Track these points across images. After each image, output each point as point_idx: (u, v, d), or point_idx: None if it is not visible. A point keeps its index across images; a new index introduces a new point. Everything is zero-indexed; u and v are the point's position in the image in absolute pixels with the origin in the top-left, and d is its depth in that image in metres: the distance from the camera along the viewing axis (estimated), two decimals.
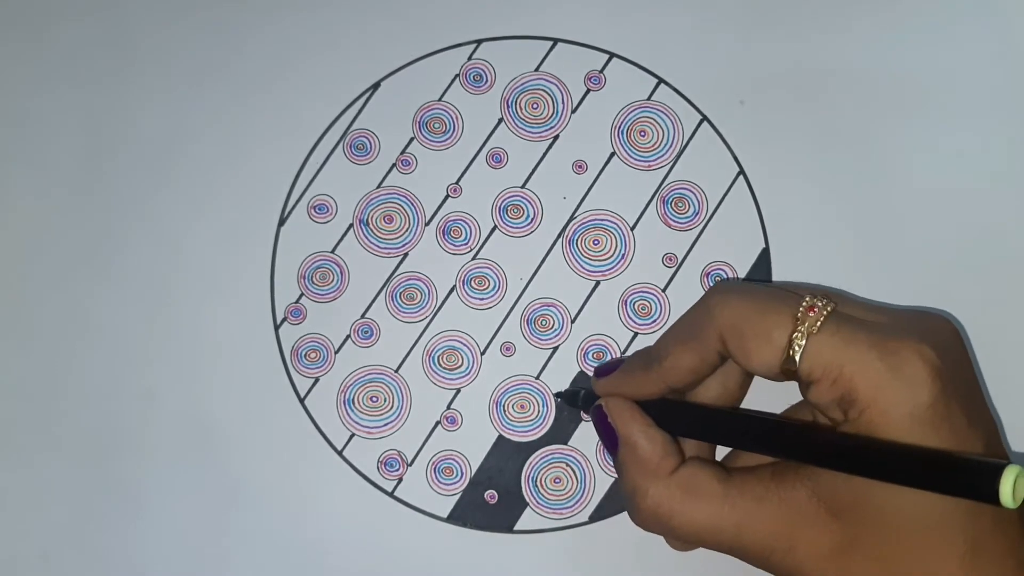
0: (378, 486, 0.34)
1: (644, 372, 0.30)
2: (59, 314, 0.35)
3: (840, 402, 0.26)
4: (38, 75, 0.37)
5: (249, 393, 0.34)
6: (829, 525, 0.26)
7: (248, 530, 0.34)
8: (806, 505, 0.27)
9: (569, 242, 0.35)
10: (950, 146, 0.36)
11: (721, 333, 0.27)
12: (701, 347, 0.28)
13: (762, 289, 0.28)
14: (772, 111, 0.36)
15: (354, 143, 0.36)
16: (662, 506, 0.28)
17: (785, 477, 0.27)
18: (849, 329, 0.26)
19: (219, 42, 0.37)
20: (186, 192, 0.36)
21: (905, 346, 0.25)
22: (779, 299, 0.27)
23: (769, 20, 0.37)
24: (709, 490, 0.28)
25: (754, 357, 0.27)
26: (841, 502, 0.26)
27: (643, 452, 0.29)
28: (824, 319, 0.26)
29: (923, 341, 0.25)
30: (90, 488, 0.34)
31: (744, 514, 0.27)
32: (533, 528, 0.33)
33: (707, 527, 0.28)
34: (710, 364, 0.29)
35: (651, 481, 0.28)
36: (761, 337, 0.26)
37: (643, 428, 0.29)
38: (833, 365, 0.25)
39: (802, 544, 0.26)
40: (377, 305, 0.35)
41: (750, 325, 0.27)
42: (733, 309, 0.27)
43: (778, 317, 0.26)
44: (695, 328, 0.28)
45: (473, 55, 0.37)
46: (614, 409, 0.30)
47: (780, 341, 0.26)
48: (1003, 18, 0.37)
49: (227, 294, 0.35)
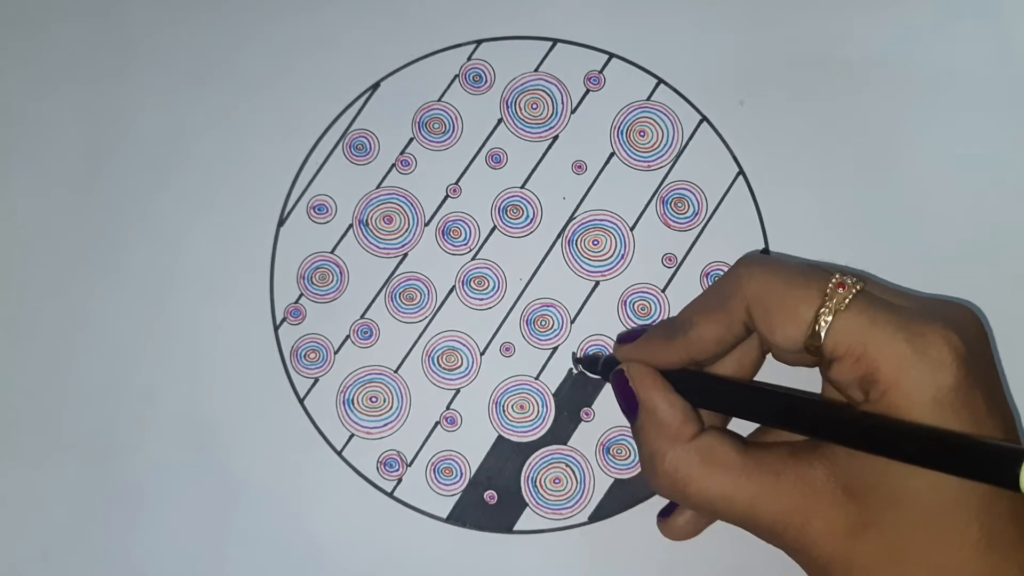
0: (378, 486, 0.34)
1: (667, 341, 0.30)
2: (59, 314, 0.35)
3: (861, 381, 0.26)
4: (38, 75, 0.37)
5: (249, 393, 0.34)
6: (844, 505, 0.26)
7: (248, 530, 0.34)
8: (822, 483, 0.27)
9: (569, 242, 0.35)
10: (951, 144, 0.36)
11: (748, 305, 0.27)
12: (727, 318, 0.28)
13: (792, 263, 0.28)
14: (772, 111, 0.36)
15: (354, 143, 0.36)
16: (680, 471, 0.28)
17: (803, 455, 0.27)
18: (876, 309, 0.26)
19: (219, 42, 0.37)
20: (186, 192, 0.36)
21: (931, 330, 0.25)
22: (808, 274, 0.27)
23: (769, 20, 0.37)
24: (727, 460, 0.28)
25: (779, 331, 0.27)
26: (858, 483, 0.26)
27: (663, 416, 0.29)
28: (852, 297, 0.26)
29: (948, 326, 0.25)
30: (90, 488, 0.34)
31: (760, 487, 0.27)
32: (532, 528, 0.33)
33: (722, 496, 0.28)
34: (735, 336, 0.28)
35: (670, 445, 0.28)
36: (788, 311, 0.26)
37: (664, 394, 0.29)
38: (858, 344, 0.25)
39: (816, 521, 0.26)
40: (377, 305, 0.35)
41: (777, 298, 0.27)
42: (761, 281, 0.27)
43: (806, 292, 0.26)
44: (722, 299, 0.28)
45: (473, 55, 0.37)
46: (636, 374, 0.30)
47: (806, 316, 0.26)
48: (1002, 13, 0.37)
49: (227, 294, 0.35)
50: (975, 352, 0.26)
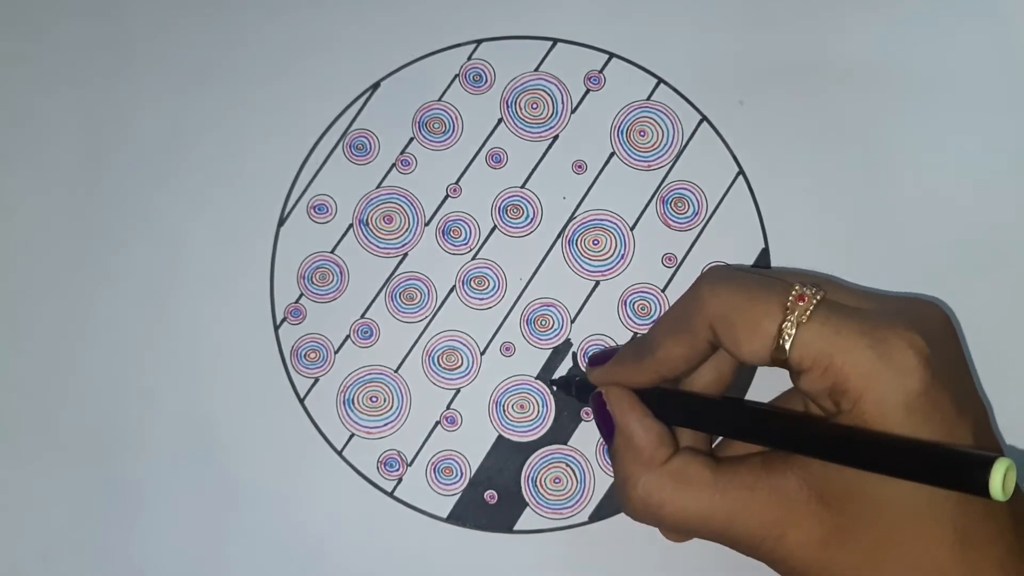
0: (378, 486, 0.34)
1: (636, 363, 0.30)
2: (59, 314, 0.35)
3: (831, 391, 0.26)
4: (38, 75, 0.37)
5: (249, 393, 0.34)
6: (819, 514, 0.26)
7: (248, 530, 0.34)
8: (796, 494, 0.27)
9: (569, 242, 0.35)
10: (950, 145, 0.36)
11: (711, 323, 0.27)
12: (692, 338, 0.28)
13: (752, 277, 0.28)
14: (772, 111, 0.36)
15: (354, 143, 0.36)
16: (652, 495, 0.28)
17: (775, 466, 0.27)
18: (838, 318, 0.26)
19: (219, 42, 0.37)
20: (186, 192, 0.36)
21: (894, 334, 0.25)
22: (768, 288, 0.27)
23: (769, 20, 0.37)
24: (700, 479, 0.28)
25: (744, 347, 0.27)
26: (831, 491, 0.26)
27: (638, 441, 0.29)
28: (813, 308, 0.26)
29: (912, 328, 0.25)
30: (90, 488, 0.34)
31: (734, 503, 0.27)
32: (533, 528, 0.33)
33: (697, 516, 0.28)
34: (701, 353, 0.29)
35: (643, 470, 0.29)
36: (751, 327, 0.26)
37: (640, 418, 0.29)
38: (823, 354, 0.25)
39: (792, 533, 0.27)
40: (377, 305, 0.35)
41: (740, 315, 0.27)
42: (723, 299, 0.27)
43: (767, 307, 0.26)
44: (686, 319, 0.28)
45: (473, 55, 0.37)
46: (613, 398, 0.30)
47: (770, 330, 0.26)
48: (1000, 13, 0.37)
49: (227, 294, 0.35)
50: (941, 352, 0.26)
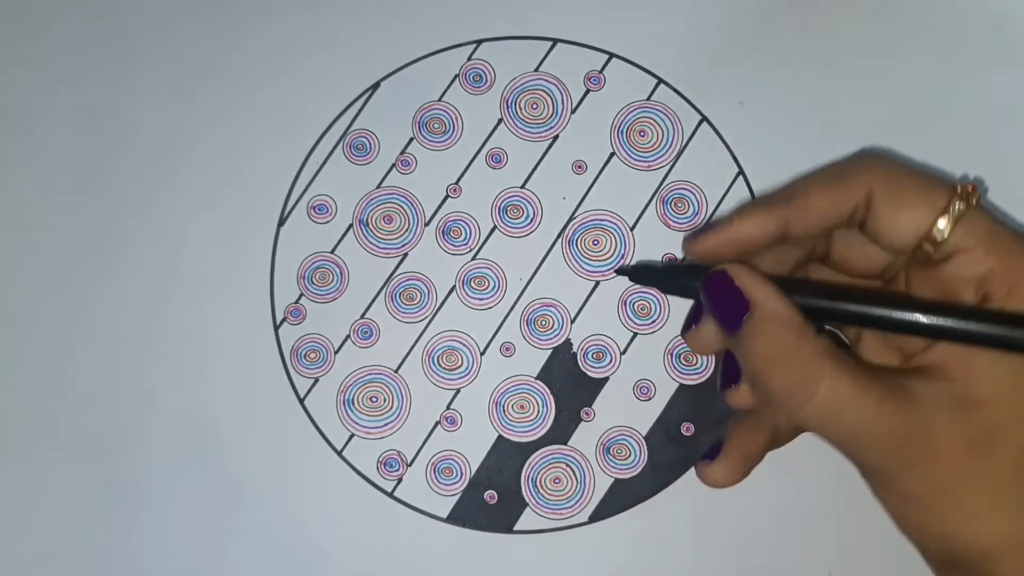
0: (378, 486, 0.34)
1: (763, 206, 0.27)
2: (59, 314, 0.35)
3: (985, 278, 0.25)
4: (38, 75, 0.37)
5: (249, 393, 0.34)
6: (967, 420, 0.25)
7: (248, 530, 0.34)
8: (940, 398, 0.25)
9: (569, 242, 0.35)
10: (950, 146, 0.36)
11: (872, 187, 0.26)
12: (843, 195, 0.26)
13: None
14: (772, 111, 0.36)
15: (354, 143, 0.36)
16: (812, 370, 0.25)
17: (911, 375, 0.26)
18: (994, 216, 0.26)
19: (219, 42, 0.37)
20: (186, 192, 0.36)
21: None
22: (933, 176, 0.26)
23: (768, 20, 0.37)
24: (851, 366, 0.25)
25: (906, 214, 0.26)
26: (978, 396, 0.25)
27: (786, 311, 0.25)
28: (979, 198, 0.26)
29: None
30: (90, 488, 0.34)
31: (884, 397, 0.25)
32: (533, 528, 0.33)
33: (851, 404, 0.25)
34: (842, 216, 0.26)
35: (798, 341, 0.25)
36: (919, 195, 0.26)
37: (776, 289, 0.26)
38: (988, 237, 0.25)
39: (938, 438, 0.25)
40: (377, 305, 0.35)
41: (908, 183, 0.26)
42: (892, 167, 0.26)
43: (937, 184, 0.26)
44: (843, 175, 0.27)
45: (473, 55, 0.37)
46: (742, 272, 0.26)
47: (938, 202, 0.25)
48: (1000, 19, 0.37)
49: (227, 294, 0.35)
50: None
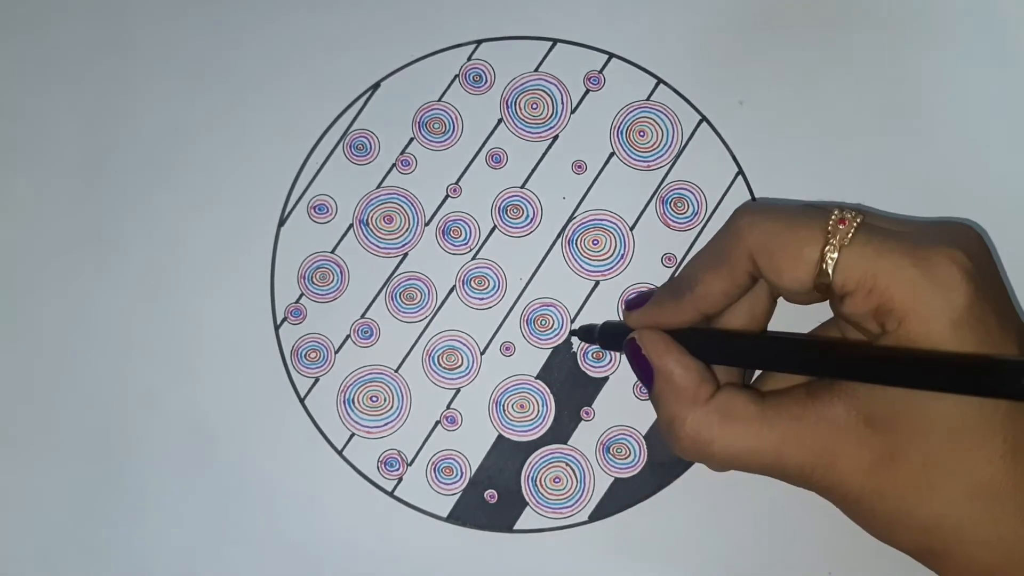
0: (378, 486, 0.34)
1: (675, 301, 0.30)
2: (59, 314, 0.35)
3: (876, 313, 0.26)
4: (38, 75, 0.37)
5: (249, 393, 0.34)
6: (868, 438, 0.26)
7: (248, 530, 0.34)
8: (844, 420, 0.27)
9: (569, 242, 0.35)
10: (951, 144, 0.36)
11: (751, 254, 0.27)
12: (732, 271, 0.28)
13: (789, 207, 0.28)
14: (771, 111, 0.36)
15: (354, 143, 0.36)
16: (701, 433, 0.28)
17: (820, 395, 0.27)
18: (880, 239, 0.26)
19: (219, 42, 0.37)
20: (186, 192, 0.36)
21: (937, 252, 0.25)
22: (808, 215, 0.27)
23: (768, 20, 0.37)
24: (746, 413, 0.28)
25: (786, 275, 0.27)
26: (878, 414, 0.26)
27: (679, 381, 0.29)
28: (855, 231, 0.26)
29: (953, 246, 0.25)
30: (90, 488, 0.34)
31: (783, 434, 0.27)
32: (533, 528, 0.34)
33: (747, 450, 0.28)
34: (741, 287, 0.28)
35: (689, 409, 0.28)
36: (793, 254, 0.26)
37: (678, 358, 0.29)
38: (867, 276, 0.25)
39: (842, 459, 0.27)
40: (377, 305, 0.35)
41: (781, 243, 0.27)
42: (762, 228, 0.27)
43: (808, 232, 0.26)
44: (724, 252, 0.28)
45: (473, 55, 0.37)
46: (648, 341, 0.30)
47: (812, 256, 0.26)
48: (997, 20, 0.37)
49: (227, 294, 0.35)
50: (981, 268, 0.26)
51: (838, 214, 0.26)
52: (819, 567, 0.33)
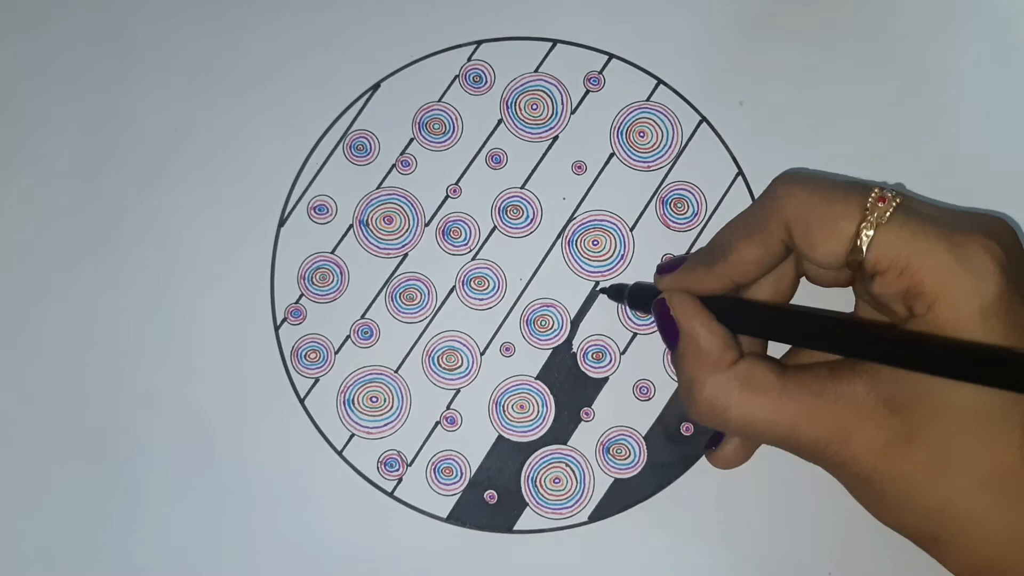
0: (378, 486, 0.34)
1: (708, 268, 0.30)
2: (59, 314, 0.35)
3: (905, 295, 0.26)
4: (38, 75, 0.37)
5: (249, 393, 0.34)
6: (886, 419, 0.26)
7: (248, 530, 0.34)
8: (863, 400, 0.27)
9: (569, 243, 0.35)
10: (951, 144, 0.36)
11: (787, 223, 0.27)
12: (767, 239, 0.28)
13: (830, 179, 0.28)
14: (771, 112, 0.36)
15: (354, 144, 0.36)
16: (719, 398, 0.28)
17: (842, 373, 0.27)
18: (916, 222, 0.26)
19: (219, 42, 0.37)
20: (186, 192, 0.36)
21: (972, 240, 0.25)
22: (847, 189, 0.27)
23: (768, 20, 0.37)
24: (767, 383, 0.28)
25: (820, 247, 0.27)
26: (898, 397, 0.26)
27: (704, 344, 0.29)
28: (893, 210, 0.26)
29: (988, 236, 0.25)
30: (90, 488, 0.34)
31: (801, 408, 0.27)
32: (532, 528, 0.34)
33: (763, 419, 0.28)
34: (775, 256, 0.28)
35: (709, 373, 0.28)
36: (828, 227, 0.26)
37: (705, 322, 0.29)
38: (901, 256, 0.25)
39: (857, 437, 0.27)
40: (377, 305, 0.35)
41: (817, 215, 0.27)
42: (800, 199, 0.27)
43: (846, 207, 0.26)
44: (760, 220, 0.28)
45: (473, 56, 0.37)
46: (677, 303, 0.30)
47: (848, 231, 0.26)
48: (999, 20, 0.37)
49: (227, 294, 0.35)
50: (1014, 260, 0.26)
51: (878, 192, 0.26)
52: (819, 567, 0.33)
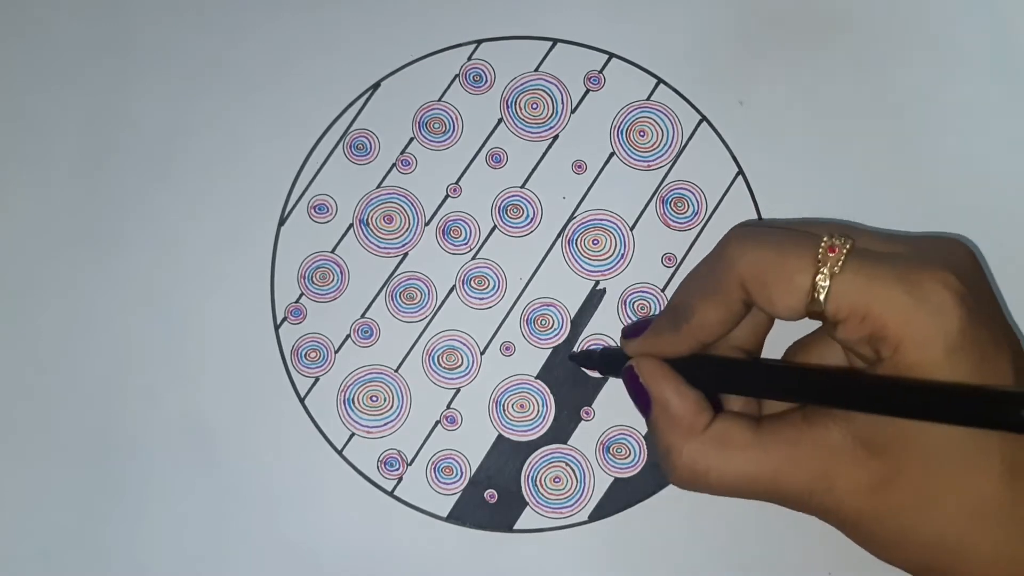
0: (378, 486, 0.34)
1: (674, 332, 0.29)
2: (59, 313, 0.35)
3: (870, 340, 0.26)
4: (38, 74, 0.37)
5: (249, 393, 0.34)
6: (866, 462, 0.26)
7: (248, 530, 0.34)
8: (840, 444, 0.27)
9: (569, 242, 0.35)
10: (951, 144, 0.36)
11: (743, 283, 0.27)
12: (726, 299, 0.28)
13: (779, 232, 0.28)
14: (771, 111, 0.36)
15: (354, 143, 0.36)
16: (698, 462, 0.28)
17: (816, 419, 0.27)
18: (871, 265, 0.26)
19: (219, 42, 0.37)
20: (186, 192, 0.36)
21: (928, 276, 0.25)
22: (797, 242, 0.27)
23: (768, 20, 0.37)
24: (742, 441, 0.28)
25: (779, 303, 0.27)
26: (875, 439, 0.26)
27: (676, 410, 0.29)
28: (845, 257, 0.26)
29: (944, 268, 0.25)
30: (90, 488, 0.34)
31: (780, 460, 0.27)
32: (533, 527, 0.34)
33: (744, 477, 0.28)
34: (737, 315, 0.28)
35: (685, 439, 0.28)
36: (784, 283, 0.26)
37: (675, 387, 0.29)
38: (860, 303, 0.25)
39: (840, 483, 0.27)
40: (377, 305, 0.35)
41: (772, 272, 0.27)
42: (753, 257, 0.27)
43: (799, 261, 0.26)
44: (716, 280, 0.28)
45: (473, 55, 0.37)
46: (645, 369, 0.30)
47: (804, 285, 0.26)
48: (998, 22, 0.37)
49: (227, 294, 0.35)
50: (973, 288, 0.26)
51: (827, 240, 0.26)
52: (819, 567, 0.33)
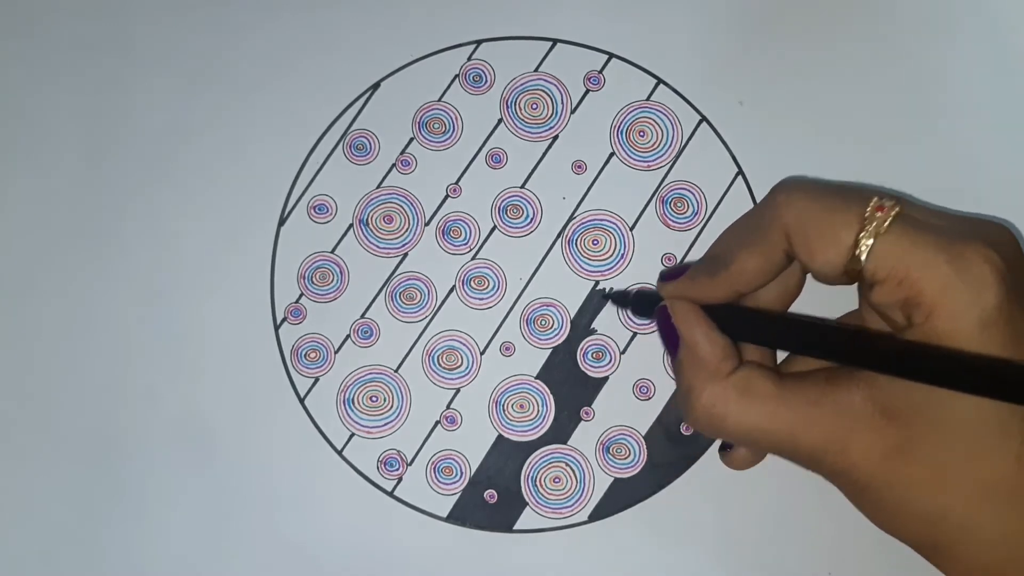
0: (378, 486, 0.34)
1: (711, 278, 0.30)
2: (59, 313, 0.35)
3: (904, 304, 0.26)
4: (38, 75, 0.37)
5: (249, 393, 0.34)
6: (883, 428, 0.26)
7: (248, 530, 0.34)
8: (861, 408, 0.27)
9: (568, 242, 0.35)
10: (951, 144, 0.36)
11: (787, 232, 0.27)
12: (768, 249, 0.28)
13: (830, 187, 0.28)
14: (771, 111, 0.36)
15: (354, 143, 0.36)
16: (716, 406, 0.28)
17: (840, 381, 0.27)
18: (915, 231, 0.26)
19: (219, 42, 0.37)
20: (186, 192, 0.36)
21: (972, 249, 0.25)
22: (846, 198, 0.27)
23: (768, 20, 0.37)
24: (764, 391, 0.28)
25: (819, 256, 0.27)
26: (896, 406, 0.26)
27: (703, 353, 0.29)
28: (892, 220, 0.26)
29: (988, 245, 0.25)
30: (90, 488, 0.34)
31: (798, 416, 0.27)
32: (532, 528, 0.34)
33: (760, 428, 0.28)
34: (777, 266, 0.28)
35: (707, 381, 0.29)
36: (828, 236, 0.26)
37: (705, 331, 0.29)
38: (899, 266, 0.25)
39: (855, 446, 0.27)
40: (377, 305, 0.35)
41: (817, 224, 0.27)
42: (799, 208, 0.27)
43: (845, 216, 0.26)
44: (760, 229, 0.28)
45: (473, 55, 0.37)
46: (678, 311, 0.30)
47: (847, 240, 0.26)
48: (997, 21, 0.37)
49: (227, 294, 0.35)
50: (1014, 269, 0.26)
51: (877, 201, 0.26)
52: (819, 567, 0.33)
